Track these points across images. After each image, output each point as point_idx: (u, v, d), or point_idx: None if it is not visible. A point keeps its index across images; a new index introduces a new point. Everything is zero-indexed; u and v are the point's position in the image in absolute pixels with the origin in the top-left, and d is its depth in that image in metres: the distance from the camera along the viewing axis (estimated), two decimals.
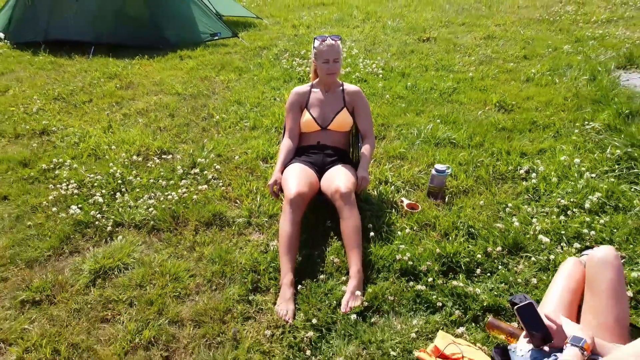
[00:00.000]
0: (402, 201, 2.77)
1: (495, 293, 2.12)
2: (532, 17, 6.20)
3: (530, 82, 4.20)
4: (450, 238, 2.46)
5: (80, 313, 2.18)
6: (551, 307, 1.77)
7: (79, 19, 5.56)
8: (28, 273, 2.43)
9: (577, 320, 1.77)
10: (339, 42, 2.70)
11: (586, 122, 3.43)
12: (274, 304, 2.16)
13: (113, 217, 2.75)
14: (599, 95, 3.76)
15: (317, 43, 2.68)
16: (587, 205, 2.55)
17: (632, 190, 2.68)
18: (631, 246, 2.30)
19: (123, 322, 2.12)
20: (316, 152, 2.73)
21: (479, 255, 2.32)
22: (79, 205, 2.82)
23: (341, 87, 2.81)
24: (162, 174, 3.13)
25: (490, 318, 1.94)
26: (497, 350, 1.81)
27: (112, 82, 4.67)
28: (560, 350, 1.63)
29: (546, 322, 1.60)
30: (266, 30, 6.19)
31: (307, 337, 1.98)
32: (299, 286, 2.22)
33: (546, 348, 1.61)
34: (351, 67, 4.70)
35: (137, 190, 2.98)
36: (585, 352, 1.43)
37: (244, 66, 4.93)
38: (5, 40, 5.92)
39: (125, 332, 2.05)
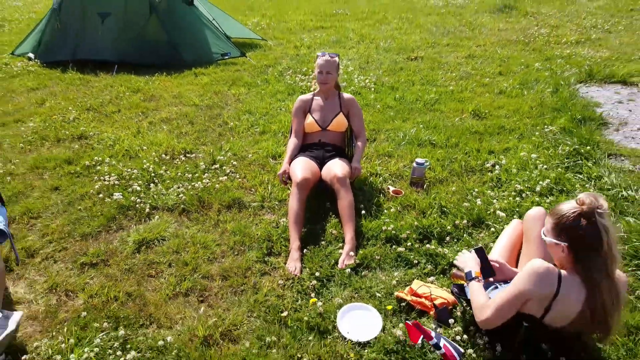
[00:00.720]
0: (388, 188, 3.36)
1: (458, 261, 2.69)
2: (510, 38, 6.90)
3: (502, 94, 4.84)
4: (426, 214, 3.04)
5: (129, 271, 2.74)
6: (497, 253, 2.35)
7: (104, 41, 6.21)
8: (84, 244, 2.99)
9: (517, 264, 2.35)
10: (335, 58, 3.33)
11: (546, 126, 4.04)
12: (285, 263, 2.73)
13: (149, 202, 3.32)
14: (559, 104, 4.39)
15: (317, 57, 3.31)
16: (537, 189, 3.14)
17: (576, 177, 3.28)
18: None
19: (165, 277, 2.68)
20: (317, 148, 3.33)
21: (448, 227, 2.90)
22: (121, 193, 3.40)
23: (338, 95, 3.43)
24: (187, 169, 3.72)
25: (454, 270, 2.51)
26: (456, 286, 2.38)
27: (136, 95, 5.29)
28: (503, 282, 2.22)
29: (492, 263, 2.19)
30: (271, 51, 6.85)
31: (311, 285, 2.55)
32: (305, 250, 2.79)
33: (491, 279, 2.19)
34: (347, 82, 5.33)
35: (168, 181, 3.56)
36: (479, 278, 2.05)
37: (252, 82, 5.56)
38: (35, 60, 6.56)
39: (168, 284, 2.61)
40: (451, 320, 2.25)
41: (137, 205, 3.29)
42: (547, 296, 1.79)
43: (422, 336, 2.11)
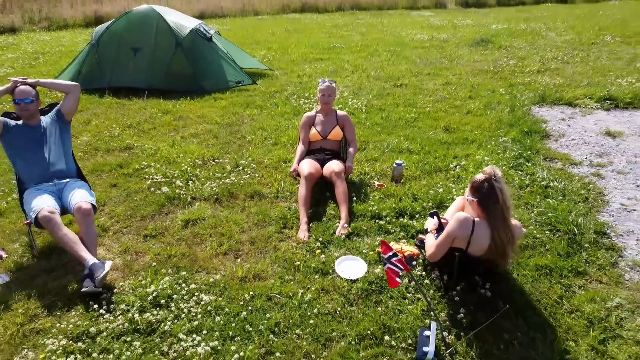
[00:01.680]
0: (374, 183, 4.37)
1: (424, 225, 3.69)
2: (482, 68, 8.03)
3: (469, 113, 5.91)
4: (402, 200, 4.04)
5: (181, 240, 3.72)
6: (448, 215, 3.34)
7: (135, 71, 7.31)
8: (143, 223, 3.97)
9: None
10: (333, 84, 4.39)
11: (500, 138, 5.09)
12: (297, 233, 3.71)
13: (190, 193, 4.32)
14: (513, 121, 5.45)
15: (320, 83, 4.37)
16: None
17: (517, 173, 4.30)
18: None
19: (208, 243, 3.65)
20: (319, 153, 4.35)
21: (418, 208, 3.90)
22: (167, 187, 4.40)
23: (335, 113, 4.47)
24: (216, 170, 4.73)
25: (419, 235, 3.50)
26: (418, 242, 3.38)
27: (166, 115, 6.34)
28: None
29: (443, 220, 3.19)
30: (277, 79, 7.96)
31: (316, 246, 3.53)
32: (310, 224, 3.78)
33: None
34: (342, 105, 6.40)
35: (202, 179, 4.57)
36: (433, 232, 3.03)
37: (263, 104, 6.63)
38: None
39: (211, 247, 3.59)
40: (414, 263, 3.23)
41: (180, 196, 4.28)
42: (466, 235, 2.79)
43: (397, 276, 3.09)
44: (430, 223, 3.22)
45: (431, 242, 3.02)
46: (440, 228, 3.14)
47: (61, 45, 11.29)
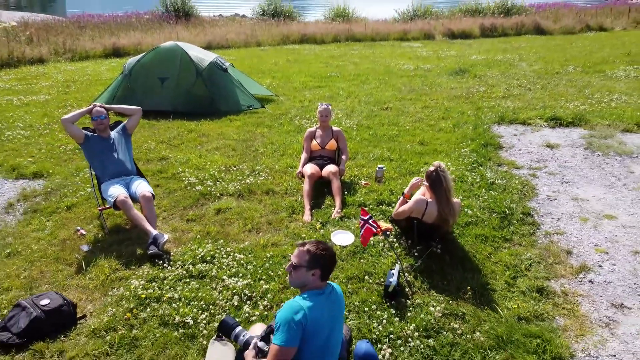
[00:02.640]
0: (361, 182, 5.65)
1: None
2: (456, 94, 9.39)
3: (441, 131, 7.22)
4: (382, 194, 5.30)
5: (215, 222, 4.95)
6: (406, 190, 4.58)
7: (162, 97, 8.63)
8: (184, 211, 5.21)
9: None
10: (329, 107, 5.71)
11: (463, 149, 6.39)
12: (302, 217, 4.96)
13: (219, 190, 5.57)
14: (475, 136, 6.77)
15: (319, 106, 5.70)
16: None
17: (471, 174, 5.58)
18: (459, 196, 5.17)
19: (236, 224, 4.89)
20: (319, 159, 5.63)
21: (394, 199, 5.16)
22: (200, 186, 5.66)
23: (331, 128, 5.78)
24: (237, 174, 5.99)
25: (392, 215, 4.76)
26: (390, 218, 4.63)
27: (191, 133, 7.63)
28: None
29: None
30: (282, 104, 9.29)
31: (317, 225, 4.78)
32: (312, 211, 5.03)
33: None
34: (337, 123, 7.70)
35: (227, 180, 5.83)
36: (403, 198, 4.29)
37: (271, 124, 7.94)
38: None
39: (238, 227, 4.82)
40: (388, 234, 4.49)
41: (211, 193, 5.53)
42: (421, 209, 4.06)
43: (371, 236, 4.34)
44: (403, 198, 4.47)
45: (397, 206, 4.30)
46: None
47: (87, 75, 12.66)
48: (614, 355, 3.11)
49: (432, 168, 4.08)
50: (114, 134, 5.11)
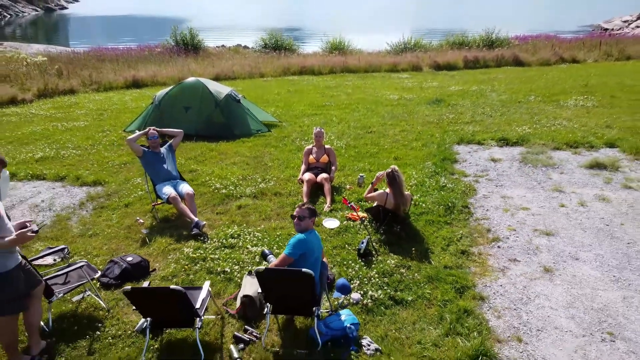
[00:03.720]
0: (347, 186, 7.46)
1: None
2: (429, 120, 11.28)
3: (412, 149, 9.07)
4: (360, 194, 7.10)
5: (237, 214, 6.74)
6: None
7: (187, 122, 10.47)
8: (213, 207, 7.00)
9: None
10: (322, 130, 7.59)
11: (427, 162, 8.23)
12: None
13: (238, 193, 7.37)
14: (438, 153, 8.62)
15: (314, 129, 7.57)
16: (411, 183, 7.24)
17: (429, 181, 7.40)
18: (417, 195, 6.98)
19: (254, 215, 6.68)
20: (314, 169, 7.46)
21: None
22: (224, 190, 7.46)
23: (324, 146, 7.63)
24: (252, 181, 7.80)
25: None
26: (367, 210, 6.44)
27: (212, 152, 9.46)
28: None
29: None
30: (285, 128, 11.15)
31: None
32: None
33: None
34: (330, 143, 9.55)
35: (244, 186, 7.63)
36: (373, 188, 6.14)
37: (276, 144, 9.78)
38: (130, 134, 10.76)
39: (255, 217, 6.62)
40: (363, 219, 6.28)
41: (232, 194, 7.33)
42: (383, 198, 5.87)
43: (355, 212, 6.14)
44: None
45: (368, 193, 6.11)
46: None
47: (115, 104, 14.58)
48: (501, 285, 4.87)
49: (389, 169, 5.91)
50: (163, 149, 6.94)
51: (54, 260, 5.58)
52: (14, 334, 3.86)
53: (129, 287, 3.81)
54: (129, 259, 5.35)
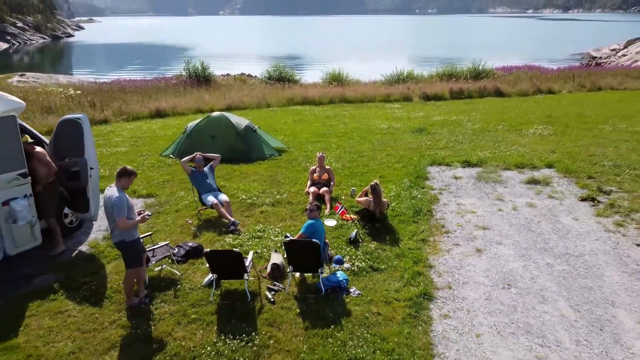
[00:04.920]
0: (342, 197, 9.86)
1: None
2: (410, 147, 13.74)
3: (394, 170, 11.49)
4: (352, 202, 9.49)
5: (261, 217, 9.12)
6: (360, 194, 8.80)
7: (213, 148, 12.89)
8: (242, 212, 9.38)
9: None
10: (323, 154, 10.08)
11: (404, 180, 10.64)
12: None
13: (260, 201, 9.75)
14: (414, 172, 11.04)
15: (318, 154, 10.04)
16: (391, 194, 9.63)
17: (405, 193, 9.80)
18: (394, 203, 9.37)
19: (273, 218, 9.06)
20: (318, 184, 9.89)
21: (359, 206, 9.35)
22: (249, 200, 9.84)
23: (325, 167, 10.07)
24: (269, 194, 10.18)
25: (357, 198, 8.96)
26: (357, 212, 8.83)
27: (235, 172, 11.87)
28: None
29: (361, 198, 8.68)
30: (292, 153, 13.59)
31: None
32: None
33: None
34: (330, 165, 11.97)
35: (264, 197, 10.02)
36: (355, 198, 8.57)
37: (286, 166, 12.21)
38: (175, 158, 13.20)
39: (275, 219, 9.00)
40: (354, 219, 8.66)
41: (256, 203, 9.72)
42: (368, 203, 8.26)
43: (339, 211, 8.52)
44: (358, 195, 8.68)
45: (358, 198, 8.51)
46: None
47: (145, 132, 17.07)
48: (445, 259, 7.24)
49: (372, 183, 8.31)
50: (206, 169, 9.36)
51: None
52: (132, 283, 6.20)
53: (208, 249, 6.19)
54: (190, 244, 7.72)
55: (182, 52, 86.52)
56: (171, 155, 13.47)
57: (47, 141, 8.29)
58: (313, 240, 6.27)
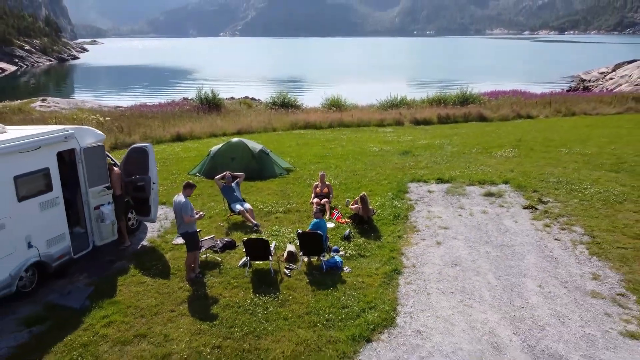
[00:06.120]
0: (338, 206, 12.61)
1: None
2: (395, 167, 16.50)
3: (381, 185, 14.24)
4: (347, 211, 12.22)
5: (276, 221, 11.86)
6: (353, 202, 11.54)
7: (232, 168, 15.67)
8: (261, 217, 12.12)
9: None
10: (324, 173, 12.89)
11: (388, 193, 13.38)
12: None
13: (274, 209, 12.49)
14: (397, 187, 13.80)
15: (320, 173, 12.84)
16: (377, 204, 12.37)
17: (388, 203, 12.54)
18: (379, 210, 12.12)
19: (286, 221, 11.79)
20: (320, 196, 12.65)
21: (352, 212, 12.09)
22: (267, 209, 12.56)
23: (326, 183, 12.85)
24: (281, 204, 12.92)
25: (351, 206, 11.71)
26: (349, 215, 11.58)
27: (252, 187, 14.60)
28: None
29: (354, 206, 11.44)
30: (298, 172, 16.34)
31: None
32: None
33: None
34: (329, 181, 14.70)
35: (277, 207, 12.75)
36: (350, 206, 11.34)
37: (294, 182, 14.96)
38: (201, 176, 15.94)
39: (287, 222, 11.73)
40: (348, 222, 11.40)
41: (271, 211, 12.45)
42: (358, 209, 11.01)
43: (335, 216, 11.27)
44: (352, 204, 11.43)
45: (350, 206, 11.25)
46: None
47: (170, 154, 19.88)
48: (413, 249, 9.95)
49: (362, 195, 11.06)
50: (233, 184, 12.13)
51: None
52: (191, 262, 8.91)
53: (245, 238, 8.93)
54: (226, 239, 10.43)
55: (186, 75, 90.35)
56: (197, 174, 16.25)
57: (118, 163, 11.07)
58: (317, 232, 9.00)
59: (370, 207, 11.34)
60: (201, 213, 8.93)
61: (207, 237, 9.99)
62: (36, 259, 8.49)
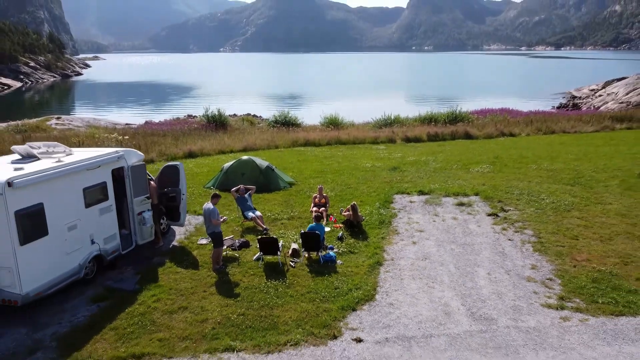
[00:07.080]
0: (334, 214, 15.05)
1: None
2: (384, 180, 18.93)
3: (370, 197, 16.69)
4: (342, 218, 14.66)
5: (282, 226, 14.30)
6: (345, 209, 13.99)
7: (244, 182, 18.11)
8: (270, 224, 14.57)
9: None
10: (322, 187, 15.39)
11: (376, 203, 15.83)
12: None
13: (280, 217, 14.92)
14: (384, 198, 16.25)
15: (318, 186, 15.33)
16: (366, 212, 14.81)
17: (375, 211, 14.99)
18: (367, 217, 14.57)
19: (291, 224, 14.22)
20: (318, 205, 15.11)
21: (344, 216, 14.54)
22: (275, 217, 15.00)
23: (323, 195, 15.32)
24: (287, 212, 15.35)
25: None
26: (343, 221, 14.03)
27: (260, 199, 17.01)
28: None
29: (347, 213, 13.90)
30: (300, 185, 18.77)
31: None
32: None
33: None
34: (326, 193, 17.13)
35: (282, 214, 15.18)
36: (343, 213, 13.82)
37: (296, 195, 17.39)
38: (215, 190, 18.38)
39: (291, 226, 14.17)
40: (341, 226, 13.84)
41: (277, 218, 14.88)
42: (350, 215, 13.46)
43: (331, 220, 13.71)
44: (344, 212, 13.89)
45: (343, 213, 13.71)
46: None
47: (185, 170, 22.32)
48: (392, 246, 12.39)
49: (352, 204, 13.52)
50: (246, 195, 14.60)
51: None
52: (217, 256, 11.32)
53: (259, 237, 11.38)
54: (242, 240, 12.86)
55: (189, 92, 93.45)
56: (212, 187, 18.71)
57: (154, 177, 13.56)
58: (315, 232, 11.45)
59: (360, 214, 13.79)
60: (224, 218, 11.39)
61: (227, 238, 12.42)
62: (97, 252, 10.91)
